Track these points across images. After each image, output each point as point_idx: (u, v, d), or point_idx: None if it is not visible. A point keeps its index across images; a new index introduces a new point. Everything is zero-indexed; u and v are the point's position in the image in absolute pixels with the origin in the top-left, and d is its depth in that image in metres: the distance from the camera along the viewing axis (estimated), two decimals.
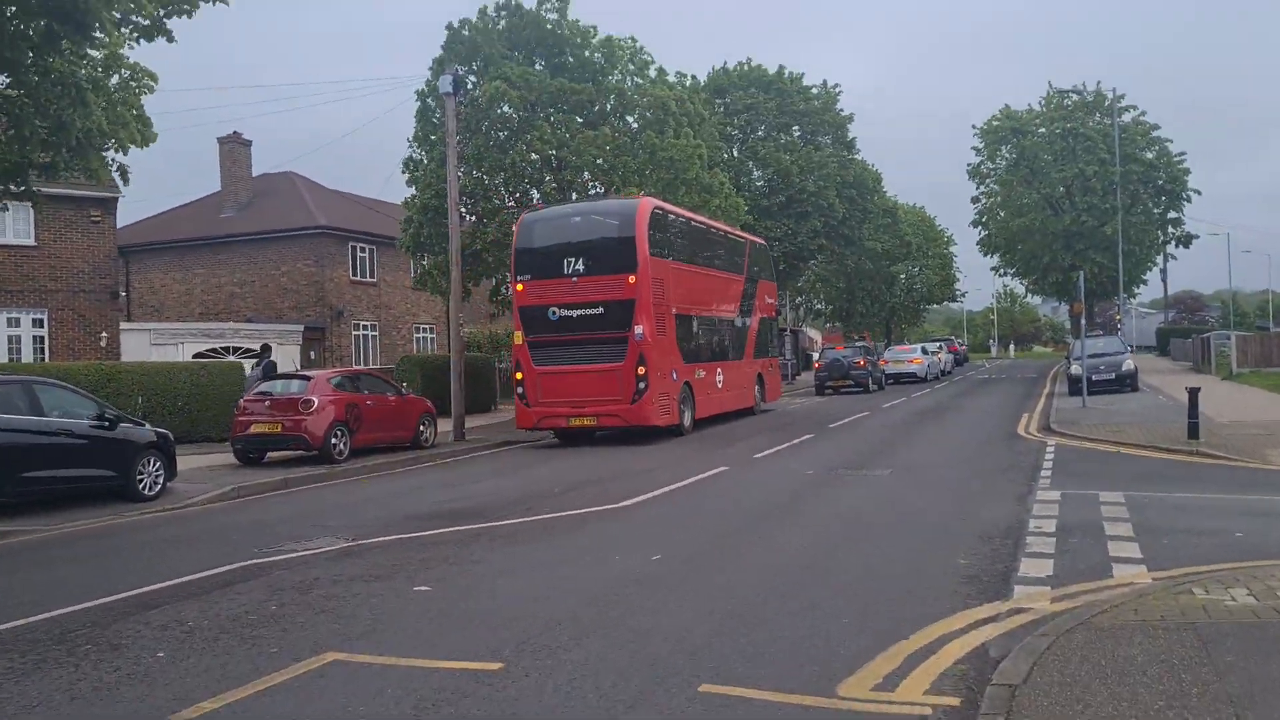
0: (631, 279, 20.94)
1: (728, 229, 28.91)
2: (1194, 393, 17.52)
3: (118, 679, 6.00)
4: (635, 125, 27.94)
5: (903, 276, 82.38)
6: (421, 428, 21.26)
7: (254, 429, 18.46)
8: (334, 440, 18.48)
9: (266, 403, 18.67)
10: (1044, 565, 8.39)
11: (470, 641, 6.49)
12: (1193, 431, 17.24)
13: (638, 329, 20.94)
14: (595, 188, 28.08)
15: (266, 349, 28.35)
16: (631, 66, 28.22)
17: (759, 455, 17.97)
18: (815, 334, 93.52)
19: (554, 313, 21.41)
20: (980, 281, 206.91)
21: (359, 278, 39.46)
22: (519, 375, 22.08)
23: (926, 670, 5.69)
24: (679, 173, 26.62)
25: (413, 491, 14.94)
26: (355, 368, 21.94)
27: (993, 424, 22.81)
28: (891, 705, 5.16)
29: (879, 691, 5.36)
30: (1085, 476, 13.96)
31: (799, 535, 10.03)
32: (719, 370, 25.40)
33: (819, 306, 73.38)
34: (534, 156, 26.62)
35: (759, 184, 46.91)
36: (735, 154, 46.24)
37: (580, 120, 27.17)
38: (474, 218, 27.60)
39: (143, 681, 5.93)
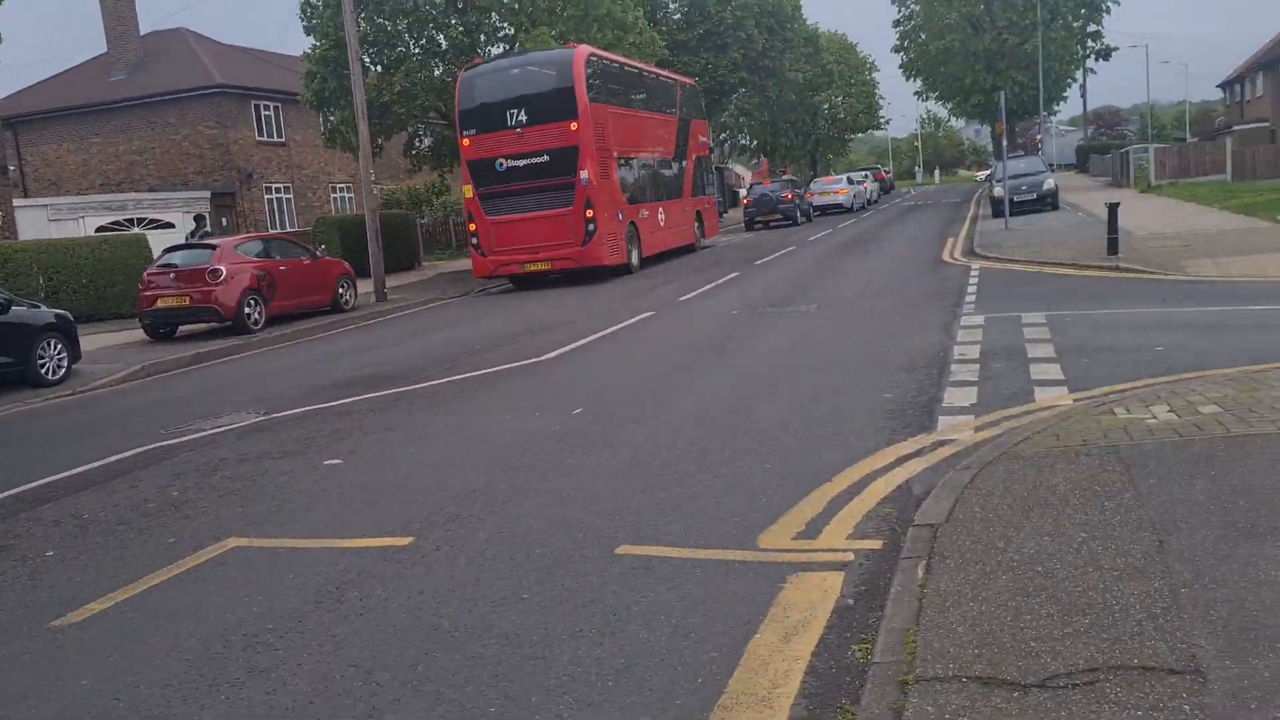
0: (574, 126, 21.68)
1: (659, 71, 29.18)
2: (1113, 208, 17.50)
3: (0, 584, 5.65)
4: None
5: (826, 107, 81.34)
6: (340, 290, 20.63)
7: (161, 303, 17.72)
8: (247, 310, 17.84)
9: (172, 274, 17.88)
10: (968, 393, 8.31)
11: (380, 517, 6.22)
12: (1112, 247, 17.30)
13: (583, 174, 21.75)
14: (504, 28, 26.77)
15: (201, 219, 27.39)
16: None
17: (685, 297, 17.73)
18: (742, 170, 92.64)
19: (501, 164, 22.15)
20: (904, 108, 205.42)
21: (266, 138, 37.73)
22: (472, 227, 22.91)
23: (850, 513, 5.55)
24: (589, 8, 25.39)
25: (331, 358, 14.49)
26: (264, 232, 21.03)
27: (918, 251, 22.76)
28: (813, 553, 5.01)
29: (801, 540, 5.21)
30: (1009, 299, 13.94)
31: (723, 380, 9.84)
32: (660, 210, 26.43)
33: (743, 142, 72.20)
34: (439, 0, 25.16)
35: (676, 17, 45.31)
36: None
37: None
38: (379, 68, 26.23)
39: (28, 584, 5.59)
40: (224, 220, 35.08)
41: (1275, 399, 6.55)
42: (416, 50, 26.22)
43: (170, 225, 30.14)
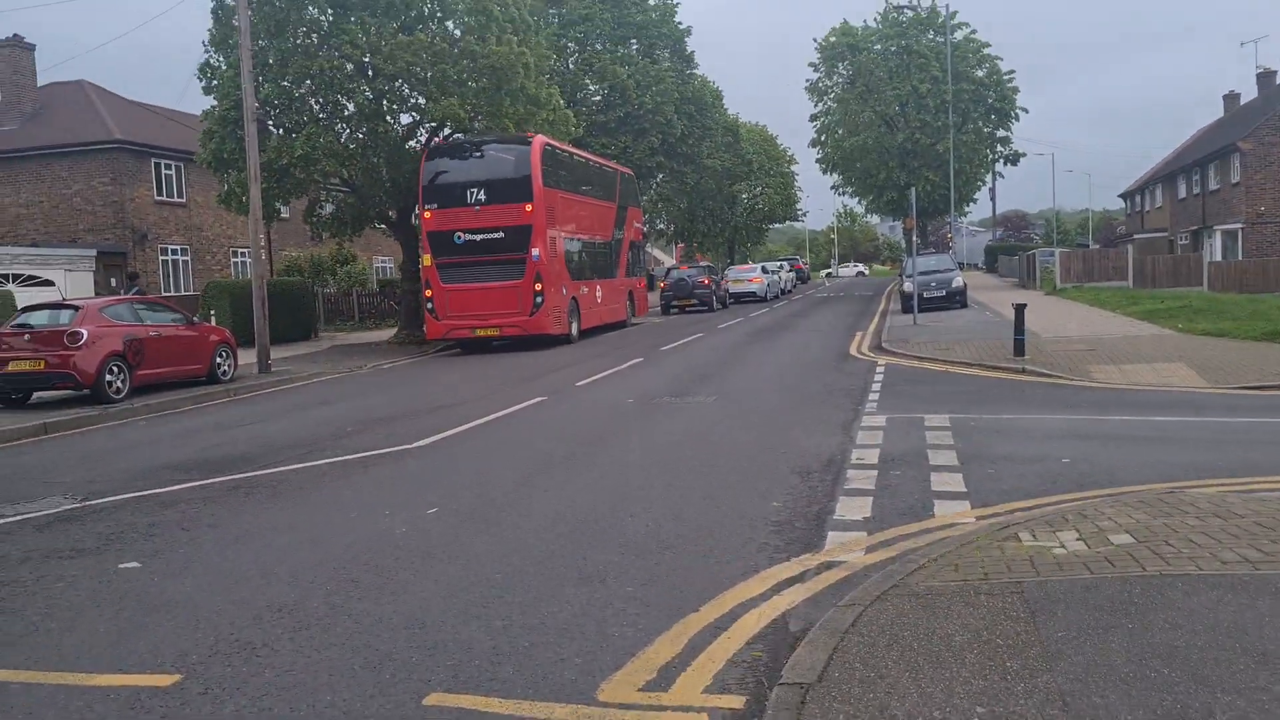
0: (528, 207, 23.85)
1: (602, 161, 32.08)
2: (1020, 309, 17.25)
3: None
4: (456, 32, 25.92)
5: (745, 196, 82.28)
6: (218, 359, 19.33)
7: (13, 366, 16.26)
8: (109, 377, 16.48)
9: (27, 336, 16.47)
10: (862, 505, 7.57)
11: (155, 644, 5.16)
12: (1019, 349, 17.01)
13: (534, 251, 23.86)
14: (414, 98, 26.08)
15: (134, 276, 26.10)
16: None
17: (583, 381, 16.91)
18: (661, 255, 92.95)
19: (459, 237, 24.06)
20: (822, 201, 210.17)
21: (165, 197, 36.30)
22: (428, 293, 24.74)
23: (713, 656, 4.69)
24: (501, 81, 24.83)
25: (187, 434, 13.26)
26: (134, 295, 19.72)
27: (825, 344, 22.33)
28: (661, 713, 4.13)
29: (649, 692, 4.32)
30: (913, 399, 13.41)
31: (598, 479, 8.97)
32: (598, 287, 28.74)
33: (661, 226, 72.40)
34: (346, 65, 24.37)
35: (596, 99, 45.27)
36: (571, 67, 44.42)
37: (395, 25, 25.03)
38: (281, 130, 25.27)
39: None
40: (113, 281, 33.44)
41: (1189, 529, 5.91)
42: (321, 115, 25.31)
43: (49, 283, 28.47)
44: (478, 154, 24.85)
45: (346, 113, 25.42)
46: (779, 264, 62.27)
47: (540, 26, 42.98)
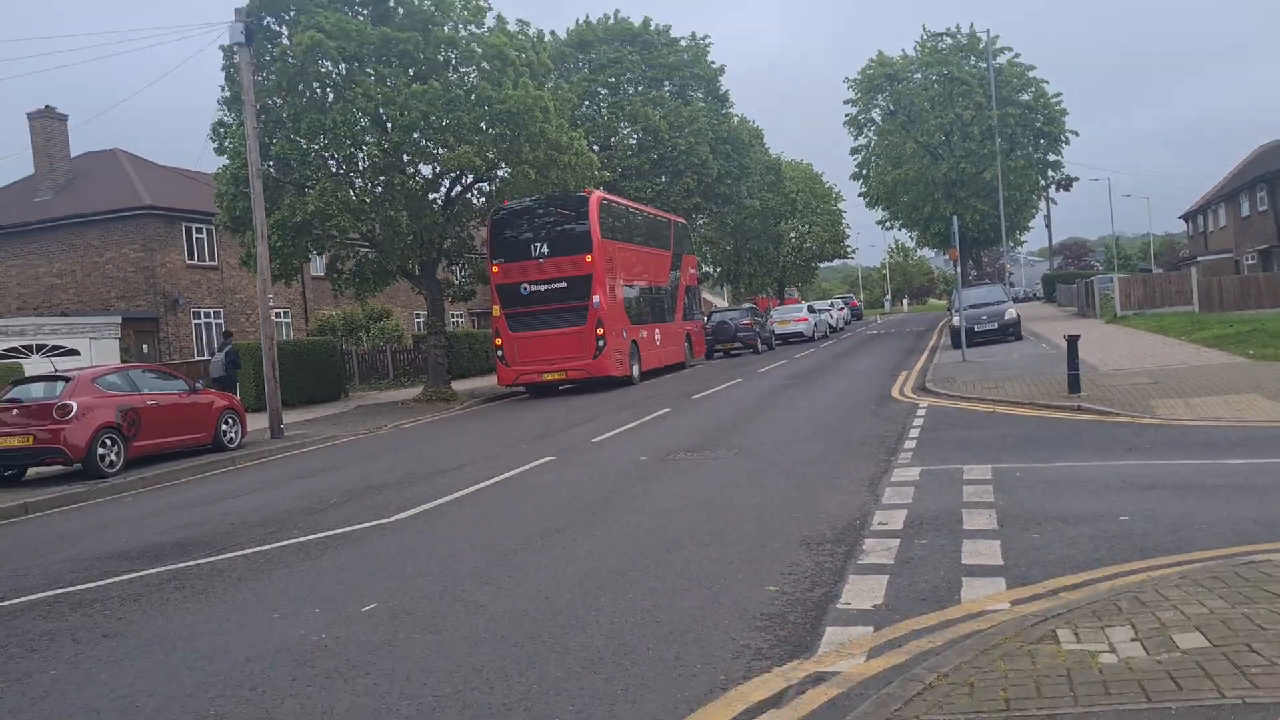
0: (588, 258, 25.26)
1: (656, 212, 34.07)
2: (1073, 341, 15.81)
3: None
4: (473, 78, 25.26)
5: (793, 235, 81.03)
6: (224, 427, 18.54)
7: (1, 442, 15.57)
8: (101, 450, 15.72)
9: (15, 410, 15.79)
10: (875, 587, 6.32)
11: None
12: (1073, 385, 15.57)
13: (595, 298, 25.22)
14: (431, 148, 25.36)
15: (229, 335, 26.89)
16: (465, 13, 25.44)
17: (599, 438, 15.77)
18: (714, 298, 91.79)
19: (525, 288, 25.70)
20: (874, 238, 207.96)
21: (197, 261, 36.14)
22: (498, 341, 26.22)
23: None
24: (518, 127, 24.05)
25: (162, 513, 12.30)
26: (132, 363, 19.08)
27: (866, 386, 20.96)
28: None
29: None
30: (953, 446, 12.08)
31: (579, 559, 7.77)
32: (657, 331, 30.15)
33: (707, 270, 71.30)
34: (360, 117, 23.77)
35: (630, 143, 44.53)
36: (604, 112, 43.75)
37: (410, 74, 24.43)
38: (295, 187, 24.68)
39: None
40: (144, 348, 33.14)
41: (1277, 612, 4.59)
42: (336, 169, 24.69)
43: (75, 352, 28.08)
44: (540, 210, 26.28)
45: (362, 166, 24.76)
46: (830, 302, 61.05)
47: (570, 70, 42.76)
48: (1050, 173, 50.94)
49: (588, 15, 44.94)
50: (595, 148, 43.94)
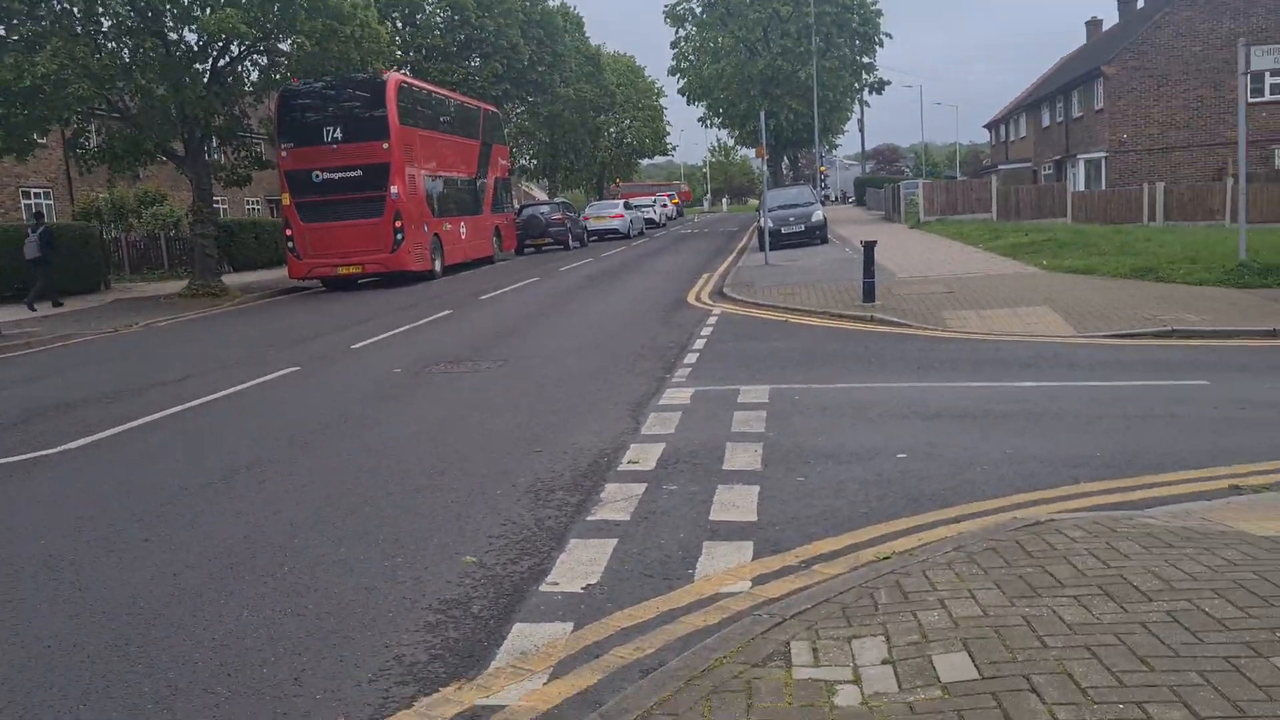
0: (385, 145, 23.68)
1: (464, 99, 32.43)
2: (869, 248, 15.03)
3: None
4: None
5: (612, 130, 79.15)
6: None
7: None
8: None
9: None
10: (596, 558, 5.10)
11: None
12: (867, 293, 14.85)
13: (393, 188, 23.77)
14: (194, 9, 22.34)
15: (39, 216, 25.15)
16: None
17: (359, 345, 14.08)
18: (538, 191, 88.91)
19: (317, 176, 23.92)
20: (698, 135, 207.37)
21: None
22: (289, 232, 24.41)
23: None
24: None
25: None
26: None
27: (663, 289, 19.84)
28: None
29: None
30: (735, 361, 11.05)
31: (240, 519, 6.13)
32: (462, 224, 28.80)
33: (523, 162, 68.75)
34: None
35: (437, 21, 41.56)
36: None
37: None
38: (25, 44, 21.22)
39: None
40: None
41: (1069, 631, 3.57)
42: (76, 27, 21.37)
43: None
44: (333, 93, 24.35)
45: (106, 25, 21.57)
46: (654, 198, 59.89)
47: None
48: (864, 75, 50.73)
49: None
50: (399, 24, 40.87)
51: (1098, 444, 6.92)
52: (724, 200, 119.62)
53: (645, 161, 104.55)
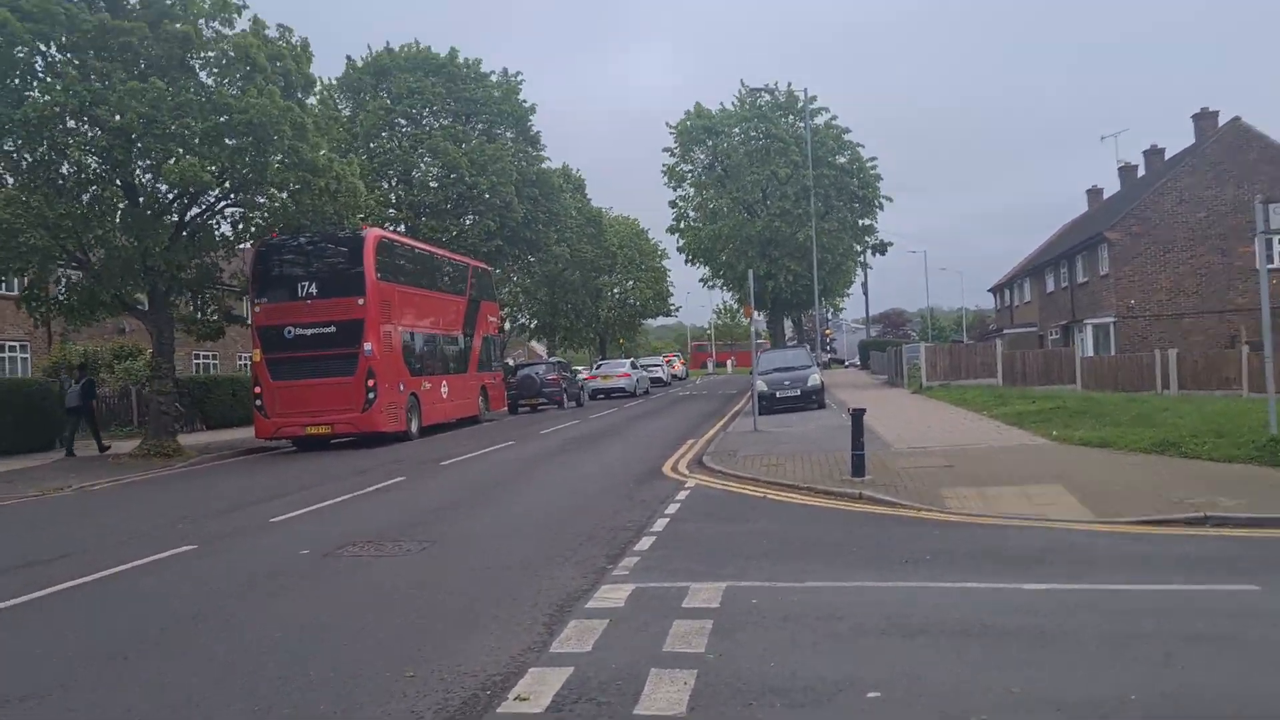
0: (360, 301, 22.95)
1: (451, 255, 32.12)
2: (858, 416, 13.52)
3: None
4: (209, 81, 21.73)
5: (616, 290, 79.09)
6: None
7: None
8: None
9: None
10: None
11: None
12: (857, 467, 13.26)
13: (367, 345, 22.90)
14: (143, 158, 21.57)
15: (84, 367, 25.25)
16: (211, 8, 21.91)
17: (280, 518, 12.48)
18: (541, 349, 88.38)
19: (290, 331, 23.04)
20: (703, 298, 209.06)
21: None
22: (257, 390, 23.56)
23: None
24: (259, 136, 20.60)
25: None
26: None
27: (642, 457, 18.23)
28: None
29: None
30: (695, 548, 9.41)
31: None
32: (444, 383, 27.76)
33: (522, 321, 68.29)
34: (61, 114, 19.89)
35: (431, 180, 41.44)
36: (404, 144, 40.51)
37: (134, 72, 20.72)
38: None
39: None
40: None
41: None
42: (29, 176, 20.61)
43: None
44: (310, 247, 23.88)
45: (66, 172, 20.82)
46: (660, 359, 61.33)
47: (366, 99, 39.43)
48: (866, 238, 50.37)
49: (387, 43, 42.03)
50: (394, 182, 40.74)
51: (1133, 682, 5.25)
52: (729, 362, 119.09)
53: (652, 323, 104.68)
